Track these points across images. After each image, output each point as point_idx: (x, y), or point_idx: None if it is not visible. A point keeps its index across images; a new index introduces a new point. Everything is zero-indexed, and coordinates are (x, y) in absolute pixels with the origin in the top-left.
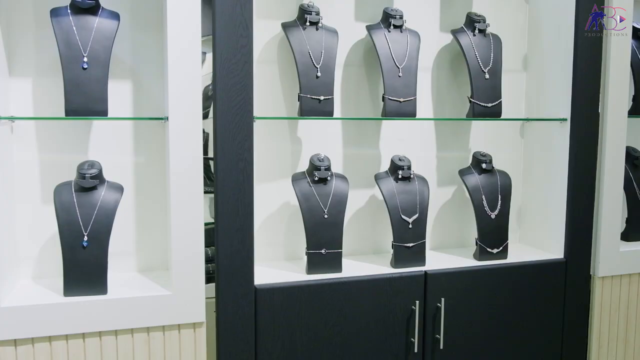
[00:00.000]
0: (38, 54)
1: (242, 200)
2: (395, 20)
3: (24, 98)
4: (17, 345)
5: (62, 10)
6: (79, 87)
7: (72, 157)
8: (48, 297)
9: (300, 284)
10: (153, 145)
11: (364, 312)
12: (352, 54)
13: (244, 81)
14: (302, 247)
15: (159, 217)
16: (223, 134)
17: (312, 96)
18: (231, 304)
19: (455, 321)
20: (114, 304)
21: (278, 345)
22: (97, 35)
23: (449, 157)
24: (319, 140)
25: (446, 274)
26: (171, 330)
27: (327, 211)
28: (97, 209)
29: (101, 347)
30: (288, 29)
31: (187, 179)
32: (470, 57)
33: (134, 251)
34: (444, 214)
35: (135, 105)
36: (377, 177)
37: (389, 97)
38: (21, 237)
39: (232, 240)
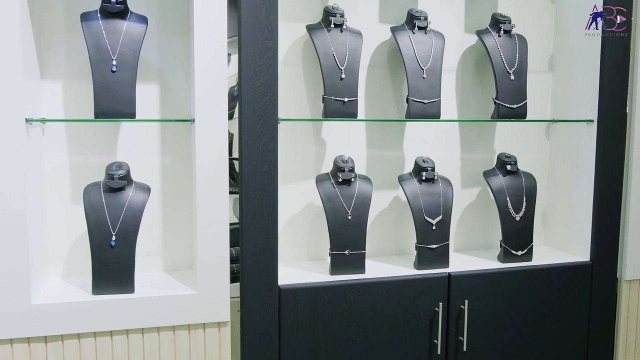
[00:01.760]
0: (68, 58)
1: (266, 201)
2: (420, 21)
3: (55, 100)
4: (48, 341)
5: (92, 15)
6: (108, 89)
7: (100, 158)
8: (77, 295)
9: (324, 285)
10: (179, 146)
11: (387, 314)
12: (376, 56)
13: (269, 83)
14: (325, 248)
15: (185, 217)
16: (248, 135)
17: (337, 98)
18: (255, 304)
19: (479, 323)
20: (141, 303)
21: (301, 345)
22: (126, 39)
23: (473, 158)
24: (343, 142)
25: (470, 275)
26: (196, 329)
27: (351, 212)
28: (125, 209)
29: (128, 345)
30: (313, 31)
31: (213, 180)
32: (495, 58)
33: (160, 251)
34: (467, 216)
35: (162, 107)
36: (400, 179)
37: (413, 98)
38: (52, 236)
39: (256, 241)
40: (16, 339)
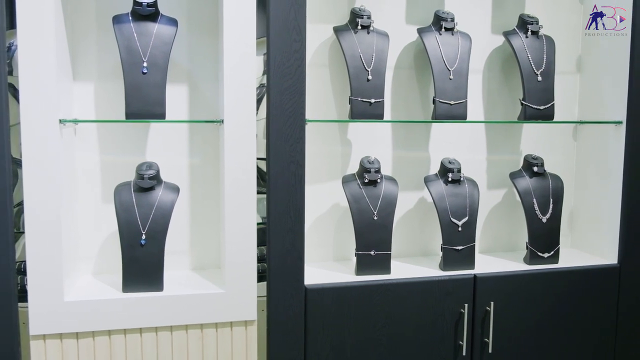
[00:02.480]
0: (100, 59)
1: (293, 202)
2: (447, 22)
3: (87, 101)
4: (79, 338)
5: (123, 17)
6: (138, 91)
7: (130, 159)
8: (108, 292)
9: (350, 285)
10: (207, 147)
11: (412, 314)
12: (403, 57)
13: (297, 85)
14: (351, 248)
15: (212, 217)
16: (276, 136)
17: (363, 99)
18: (282, 304)
19: (504, 325)
20: (170, 301)
21: (327, 344)
22: (157, 41)
23: (499, 159)
24: (369, 143)
25: (496, 277)
26: (224, 328)
27: (377, 213)
28: (154, 208)
29: (157, 342)
30: (340, 32)
31: (241, 181)
32: (522, 59)
33: (188, 250)
34: (493, 217)
35: (191, 108)
36: (426, 180)
37: (440, 99)
38: (83, 235)
39: (283, 241)
40: (49, 335)
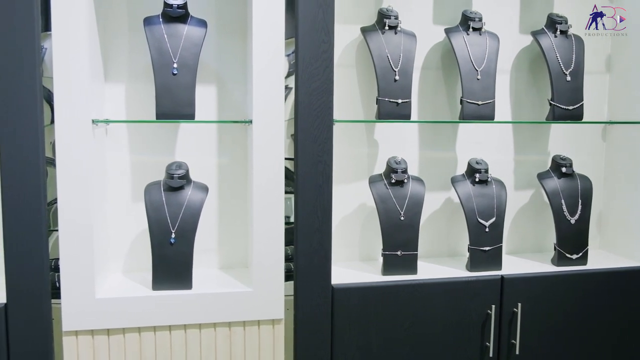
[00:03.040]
0: (131, 61)
1: (321, 202)
2: (475, 22)
3: (118, 102)
4: (110, 334)
5: (154, 19)
6: (169, 91)
7: (160, 158)
8: (138, 290)
9: (376, 285)
10: (235, 147)
11: (439, 315)
12: (430, 57)
13: (325, 85)
14: (377, 248)
15: (240, 216)
16: (304, 136)
17: (390, 99)
18: (309, 303)
19: (532, 327)
20: (198, 299)
21: (353, 344)
22: (186, 42)
23: (526, 160)
24: (396, 143)
25: (523, 278)
26: (251, 326)
27: (404, 213)
28: (184, 207)
29: (186, 340)
30: (367, 33)
31: (269, 181)
32: (551, 58)
33: (216, 249)
34: (520, 218)
35: (219, 108)
36: (453, 180)
37: (467, 100)
38: (113, 234)
39: (310, 240)
40: (81, 331)
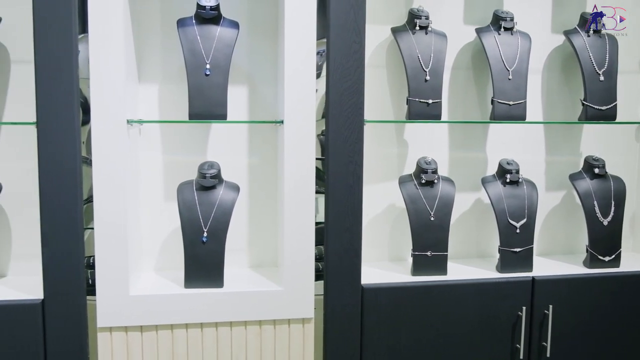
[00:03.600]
0: (164, 62)
1: (351, 202)
2: (506, 22)
3: (151, 102)
4: (143, 331)
5: (187, 21)
6: (201, 92)
7: (192, 158)
8: (170, 288)
9: (406, 285)
10: (266, 147)
11: (469, 316)
12: (461, 57)
13: (356, 86)
14: (406, 249)
15: (270, 216)
16: (335, 136)
17: (421, 100)
18: (338, 302)
19: (563, 329)
20: (229, 297)
21: (382, 344)
22: (219, 43)
23: (558, 161)
24: (425, 143)
25: (555, 280)
26: (281, 325)
27: (434, 214)
28: (215, 207)
29: (217, 337)
30: (397, 33)
31: (300, 181)
32: (584, 58)
33: (246, 248)
34: (552, 220)
35: (250, 108)
36: (484, 181)
37: (499, 100)
38: (145, 232)
39: (341, 240)
40: (115, 328)
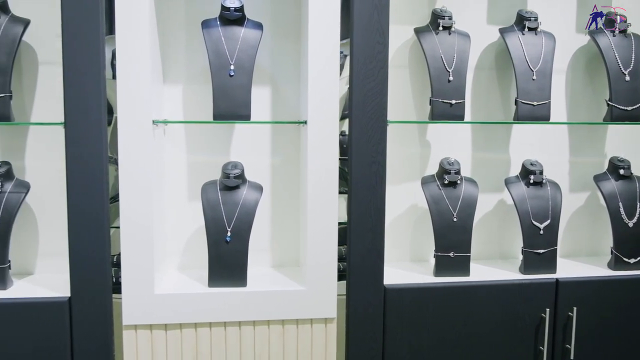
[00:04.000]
0: (189, 63)
1: (374, 202)
2: (530, 22)
3: (175, 103)
4: (168, 329)
5: (212, 22)
6: (225, 93)
7: (215, 158)
8: (194, 287)
9: (429, 286)
10: (289, 147)
11: (491, 317)
12: (484, 58)
13: (380, 86)
14: (428, 250)
15: (293, 216)
16: (358, 137)
17: (444, 100)
18: (361, 302)
19: (588, 332)
20: (253, 297)
21: (405, 344)
22: (243, 44)
23: (582, 162)
24: (448, 144)
25: (579, 282)
26: (304, 324)
27: (457, 214)
28: (239, 206)
29: (240, 336)
30: (421, 33)
31: (323, 181)
32: (609, 58)
33: (268, 247)
34: (575, 221)
35: (273, 109)
36: (507, 182)
37: (522, 100)
38: (169, 231)
39: (363, 240)
40: (140, 326)
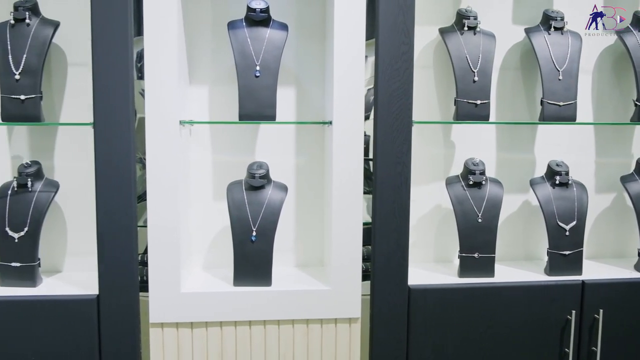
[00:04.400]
0: (214, 64)
1: (399, 202)
2: (556, 22)
3: (201, 104)
4: (193, 327)
5: (238, 23)
6: (251, 93)
7: (240, 158)
8: (220, 286)
9: (453, 287)
10: (313, 147)
11: (516, 319)
12: (509, 57)
13: (405, 87)
14: (452, 250)
15: (317, 216)
16: (383, 137)
17: (469, 100)
18: (385, 303)
19: (614, 334)
20: (277, 296)
21: (429, 345)
22: (269, 45)
23: (609, 162)
24: (473, 144)
25: (605, 284)
26: (328, 324)
27: (481, 215)
28: (264, 206)
29: (265, 335)
30: (445, 34)
31: (348, 182)
32: (637, 57)
33: (293, 247)
34: (602, 222)
35: (298, 109)
36: (532, 182)
37: (548, 100)
38: (194, 230)
39: (388, 241)
40: (166, 324)
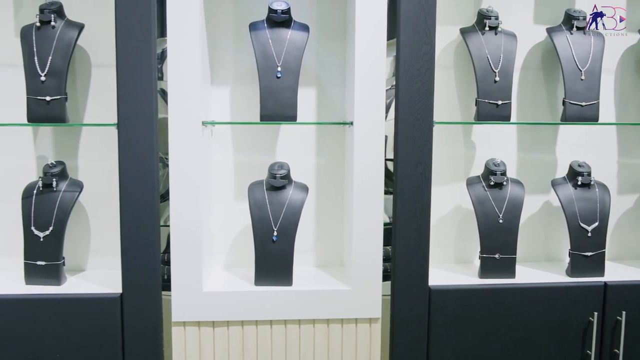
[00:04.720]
0: (236, 65)
1: (419, 203)
2: (579, 21)
3: (223, 104)
4: (215, 326)
5: (259, 25)
6: (272, 94)
7: (261, 159)
8: (241, 285)
9: (474, 288)
10: (334, 147)
11: (537, 320)
12: (530, 57)
13: (426, 87)
14: (472, 251)
15: (338, 216)
16: (404, 138)
17: (490, 101)
18: (406, 303)
19: (637, 336)
20: (298, 296)
21: (449, 346)
22: (290, 46)
23: (632, 163)
24: (493, 145)
25: (628, 286)
26: (349, 324)
27: (502, 216)
28: (285, 206)
29: (286, 334)
30: (466, 34)
31: (369, 182)
32: None
33: (313, 247)
34: (624, 224)
35: (318, 110)
36: (554, 183)
37: (570, 101)
38: (216, 230)
39: (408, 241)
40: (188, 322)
